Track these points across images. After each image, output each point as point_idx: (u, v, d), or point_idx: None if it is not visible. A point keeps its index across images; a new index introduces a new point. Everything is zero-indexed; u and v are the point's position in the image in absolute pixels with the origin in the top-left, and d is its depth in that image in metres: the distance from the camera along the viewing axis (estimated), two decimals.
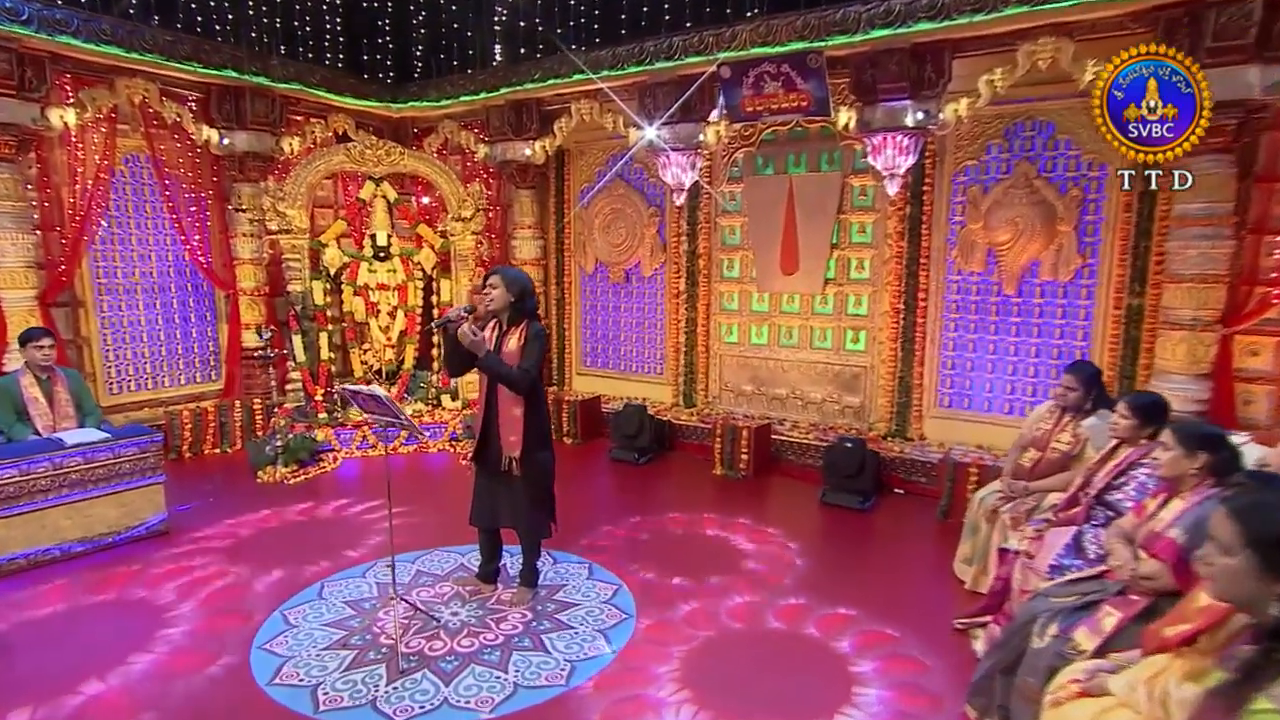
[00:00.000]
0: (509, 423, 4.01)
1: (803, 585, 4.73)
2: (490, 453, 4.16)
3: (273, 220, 7.54)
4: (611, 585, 4.64)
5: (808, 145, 7.21)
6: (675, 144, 7.18)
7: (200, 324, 8.04)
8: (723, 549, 5.26)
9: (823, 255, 7.19)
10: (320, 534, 5.44)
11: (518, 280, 4.01)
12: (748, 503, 6.20)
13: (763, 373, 7.77)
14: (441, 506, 5.94)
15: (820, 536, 5.61)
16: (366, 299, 8.01)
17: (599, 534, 5.45)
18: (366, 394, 3.86)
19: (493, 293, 4.04)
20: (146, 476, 5.31)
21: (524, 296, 4.00)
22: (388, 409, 3.83)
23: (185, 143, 7.63)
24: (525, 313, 3.99)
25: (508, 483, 4.13)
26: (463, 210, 8.26)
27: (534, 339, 4.02)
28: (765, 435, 7.09)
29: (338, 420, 7.61)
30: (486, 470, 4.22)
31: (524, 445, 4.04)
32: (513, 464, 4.09)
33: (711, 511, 5.93)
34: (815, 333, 7.40)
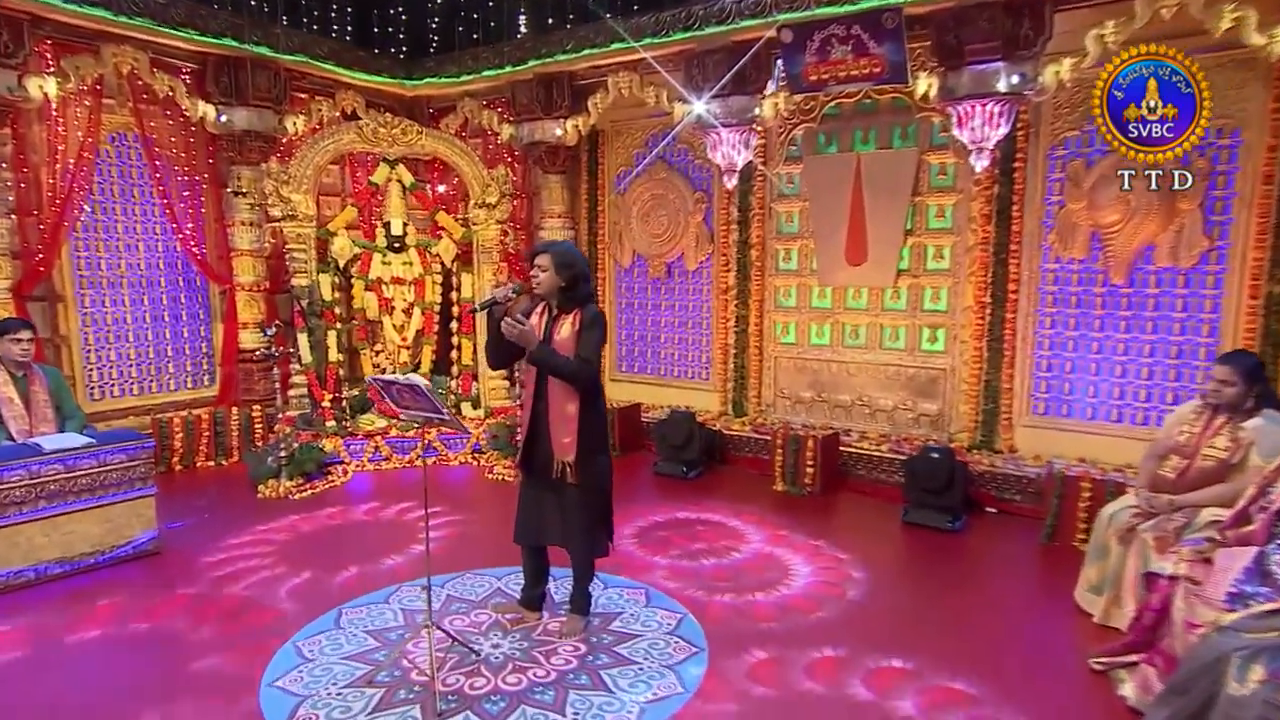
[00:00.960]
0: (562, 422, 3.77)
1: (904, 622, 4.39)
2: (539, 458, 3.90)
3: (275, 206, 7.33)
4: (674, 614, 4.38)
5: (878, 119, 6.94)
6: (727, 119, 6.94)
7: (193, 323, 7.88)
8: (797, 574, 5.03)
9: (895, 243, 6.92)
10: (333, 554, 5.24)
11: (570, 261, 3.78)
12: (819, 523, 5.98)
13: (824, 377, 7.52)
14: (469, 525, 5.81)
15: (909, 562, 5.32)
16: (379, 294, 7.82)
17: (651, 555, 5.23)
18: (403, 384, 3.57)
19: (539, 275, 3.81)
20: (135, 488, 5.09)
21: (577, 281, 3.78)
22: (428, 403, 3.55)
23: (178, 120, 7.47)
24: (579, 298, 3.78)
25: (559, 492, 3.89)
26: (487, 196, 8.04)
27: (591, 325, 3.78)
28: (833, 447, 6.81)
29: (347, 429, 7.43)
30: (534, 478, 3.97)
31: (579, 448, 3.79)
32: (566, 470, 3.83)
33: (779, 532, 5.71)
34: (886, 331, 7.14)
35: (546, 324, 3.86)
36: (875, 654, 4.00)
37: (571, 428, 3.78)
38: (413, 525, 5.75)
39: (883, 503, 6.34)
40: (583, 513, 3.90)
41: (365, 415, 7.67)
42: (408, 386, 3.59)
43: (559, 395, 3.82)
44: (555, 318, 3.85)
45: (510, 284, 3.90)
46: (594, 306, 3.88)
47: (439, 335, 8.20)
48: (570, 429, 3.79)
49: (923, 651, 4.02)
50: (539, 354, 3.73)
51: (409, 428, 7.54)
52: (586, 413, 3.82)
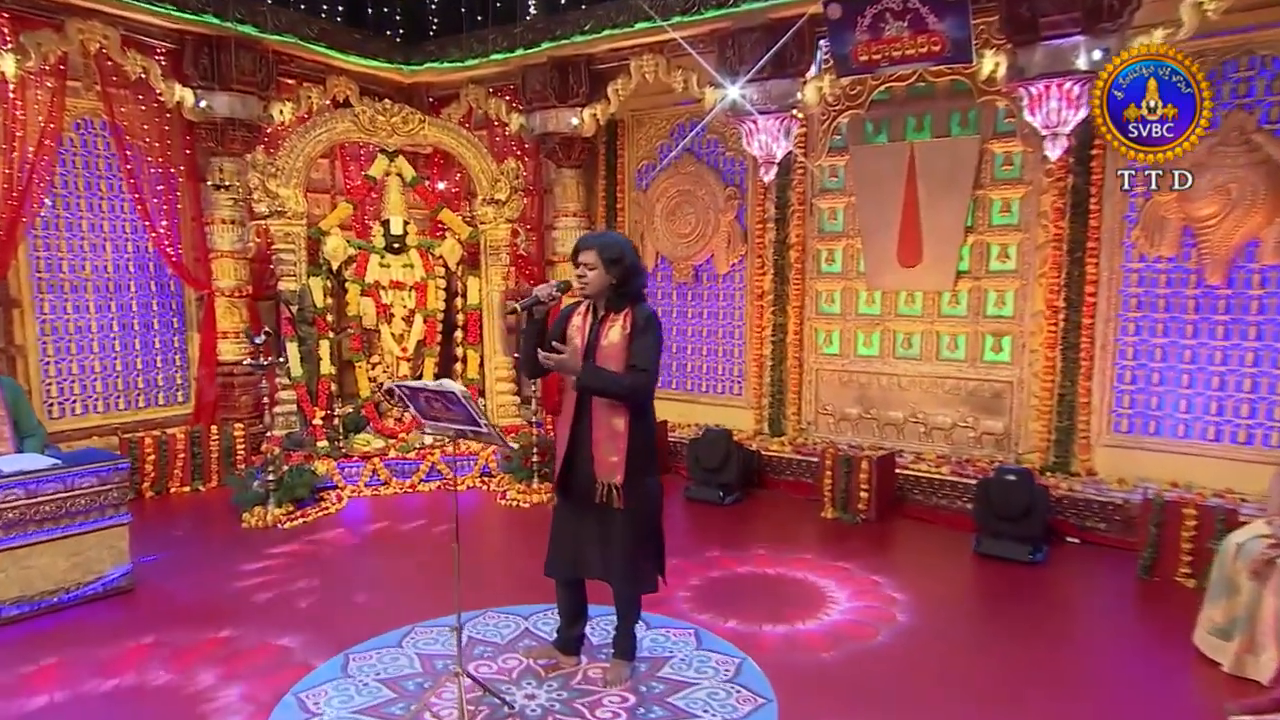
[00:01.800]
0: (608, 438, 3.58)
1: (998, 670, 4.12)
2: (579, 479, 3.69)
3: (261, 202, 7.13)
4: (731, 658, 4.13)
5: (934, 104, 6.78)
6: (764, 106, 6.80)
7: (166, 332, 7.69)
8: (861, 612, 4.79)
9: (954, 242, 6.75)
10: (333, 591, 5.02)
11: (619, 254, 3.59)
12: (879, 554, 5.78)
13: (872, 392, 7.35)
14: (485, 557, 5.66)
15: (990, 600, 5.06)
16: (377, 300, 7.63)
17: (695, 590, 5.02)
18: (433, 391, 3.32)
19: (586, 275, 3.61)
20: (107, 516, 4.83)
21: (628, 278, 3.60)
22: (463, 413, 3.30)
23: (152, 105, 7.27)
24: (630, 295, 3.61)
25: (602, 519, 3.68)
26: (496, 192, 7.85)
27: (646, 328, 3.57)
28: (889, 469, 6.61)
29: (341, 450, 7.23)
30: (573, 503, 3.76)
31: (628, 468, 3.58)
32: (613, 494, 3.61)
33: (836, 565, 5.51)
34: (944, 340, 6.98)
35: (591, 327, 3.66)
36: (970, 710, 3.71)
37: (620, 445, 3.57)
38: (421, 557, 5.56)
39: (948, 531, 6.15)
40: (629, 542, 3.68)
41: (360, 435, 7.47)
42: (439, 394, 3.34)
43: (605, 408, 3.61)
44: (602, 319, 3.65)
45: (555, 282, 3.71)
46: (646, 306, 3.69)
47: (441, 346, 8.00)
48: (618, 447, 3.58)
49: (1027, 708, 3.73)
50: (586, 381, 3.51)
51: (409, 449, 7.35)
52: (636, 428, 3.61)
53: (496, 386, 7.99)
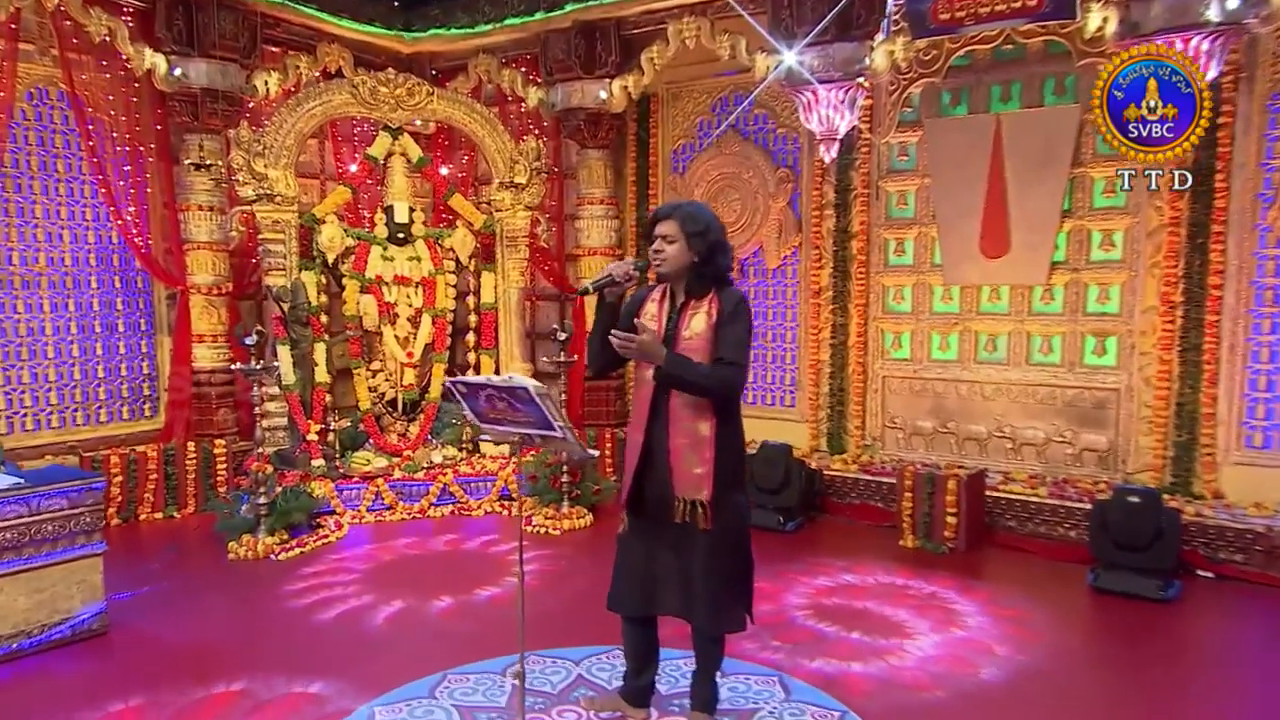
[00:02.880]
0: (691, 446, 3.40)
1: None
2: (653, 496, 3.50)
3: (246, 184, 6.98)
4: (829, 711, 3.94)
5: (1024, 69, 6.62)
6: (826, 73, 6.63)
7: (132, 335, 7.55)
8: (973, 658, 4.56)
9: (1048, 228, 6.60)
10: (343, 633, 4.86)
11: (704, 224, 3.45)
12: (978, 589, 5.56)
13: (950, 402, 7.21)
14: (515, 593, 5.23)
15: (1124, 644, 4.80)
16: (379, 298, 7.51)
17: (771, 628, 4.81)
18: (499, 386, 3.10)
19: (664, 249, 3.44)
20: (78, 545, 4.62)
21: (714, 253, 3.45)
22: (535, 414, 3.09)
23: (118, 73, 7.13)
24: (715, 276, 3.46)
25: (682, 544, 3.49)
26: (515, 174, 7.69)
27: (736, 315, 3.41)
28: (979, 490, 6.39)
29: (338, 470, 7.11)
30: (646, 525, 3.57)
31: (715, 482, 3.39)
32: (698, 513, 3.40)
33: (928, 601, 5.32)
34: (1035, 342, 6.83)
35: (670, 316, 3.49)
36: None
37: (706, 455, 3.40)
38: (442, 593, 5.40)
39: (1051, 563, 5.98)
40: (715, 572, 3.48)
41: (359, 453, 7.34)
42: (506, 390, 3.11)
43: (687, 411, 3.42)
44: (682, 306, 3.47)
45: (631, 260, 3.52)
46: (735, 289, 3.52)
47: (451, 350, 7.94)
48: (704, 457, 3.40)
49: None
50: (669, 368, 3.33)
51: (416, 468, 7.20)
52: (724, 434, 3.44)
53: None
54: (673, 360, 3.30)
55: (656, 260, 3.45)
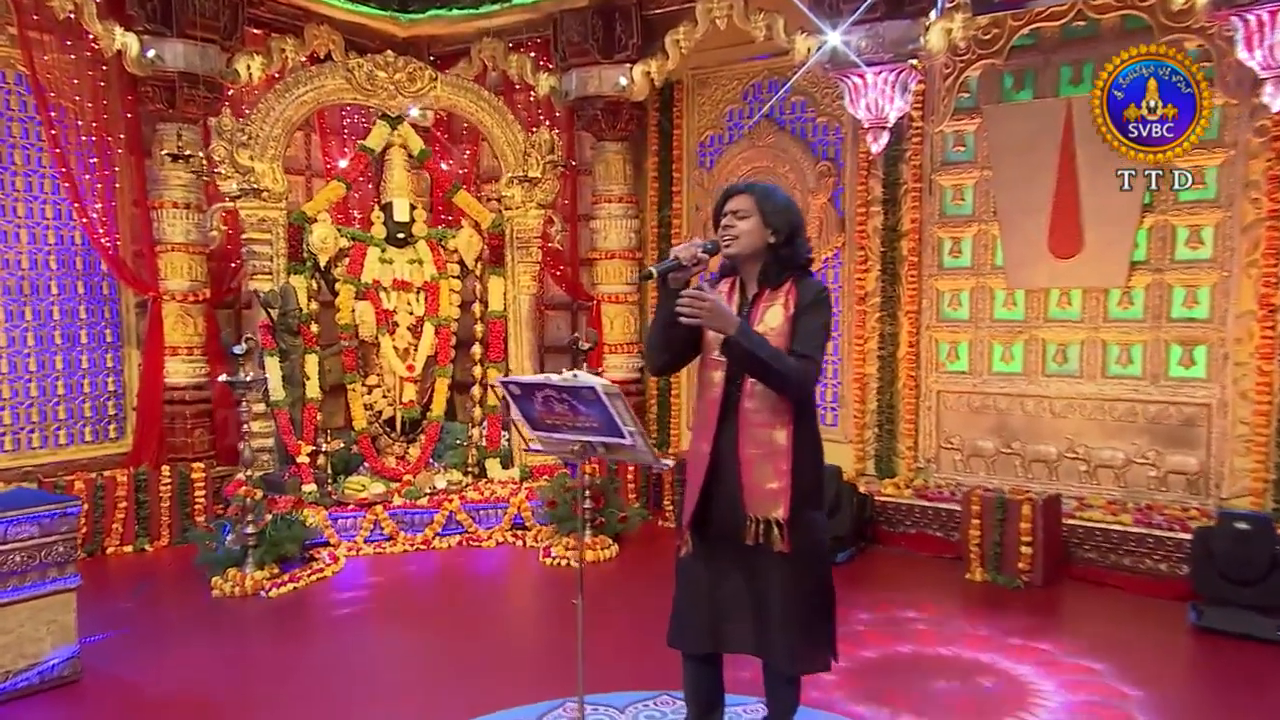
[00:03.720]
0: (765, 457, 3.28)
1: None
2: (721, 516, 3.37)
3: (229, 178, 6.94)
4: None
5: (1098, 47, 6.45)
6: (875, 55, 6.66)
7: (96, 347, 7.50)
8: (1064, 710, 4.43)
9: (1127, 224, 6.54)
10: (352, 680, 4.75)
11: (783, 203, 3.38)
12: (1063, 630, 5.49)
13: (1014, 419, 7.12)
14: (545, 630, 5.54)
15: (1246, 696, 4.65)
16: (377, 305, 7.44)
17: (845, 674, 4.67)
18: (561, 386, 3.00)
19: (738, 226, 3.32)
20: (49, 579, 4.48)
21: (793, 236, 3.36)
22: (601, 417, 2.98)
23: (84, 54, 7.09)
24: (792, 264, 3.37)
25: (754, 571, 3.35)
26: (527, 169, 7.65)
27: (815, 305, 3.31)
28: (1055, 517, 6.28)
29: (332, 497, 7.02)
30: (712, 549, 3.43)
31: (793, 497, 3.28)
32: (775, 532, 3.27)
33: (1006, 640, 5.21)
34: (1112, 352, 6.76)
35: (740, 310, 3.39)
36: None
37: (782, 466, 3.28)
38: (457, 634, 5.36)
39: (1141, 598, 5.89)
40: (794, 602, 3.33)
41: (354, 478, 7.25)
42: (569, 390, 3.00)
43: (761, 417, 3.29)
44: (755, 297, 3.37)
45: (698, 240, 3.34)
46: (815, 279, 3.42)
47: (455, 362, 7.89)
48: (780, 468, 3.28)
49: None
50: (741, 341, 3.17)
51: (418, 494, 7.10)
52: (803, 442, 3.33)
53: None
54: (746, 330, 3.15)
55: (727, 240, 3.32)
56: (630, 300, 8.29)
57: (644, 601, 5.27)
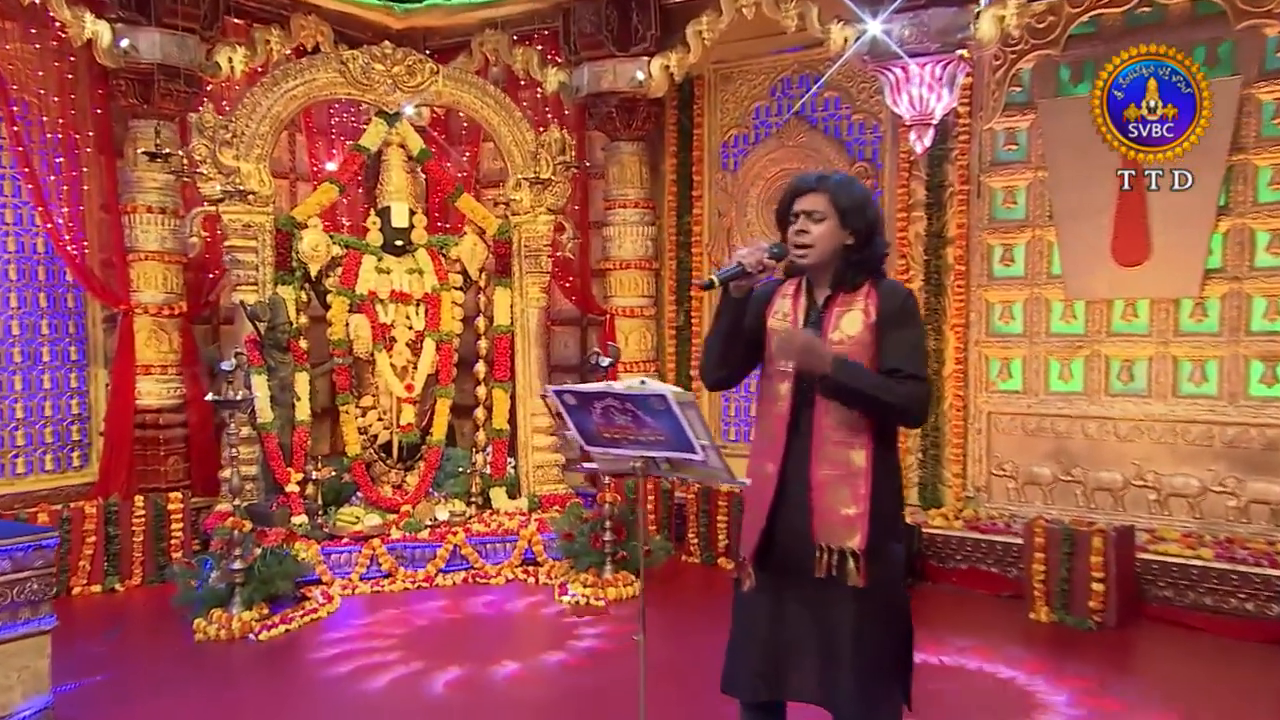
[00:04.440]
0: (840, 480, 3.20)
1: None
2: (786, 545, 3.28)
3: (211, 179, 6.92)
4: None
5: (1165, 35, 6.37)
6: (919, 45, 6.63)
7: (60, 365, 7.46)
8: None
9: (1199, 228, 6.50)
10: None
11: (862, 200, 3.30)
12: (1145, 679, 5.46)
13: (1075, 444, 7.09)
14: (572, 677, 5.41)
15: None
16: (373, 319, 7.41)
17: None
18: (625, 395, 2.90)
19: (812, 231, 3.22)
20: (21, 620, 4.35)
21: (871, 236, 3.29)
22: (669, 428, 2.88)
23: (50, 44, 7.09)
24: (869, 266, 3.29)
25: (824, 608, 3.25)
26: (538, 169, 7.60)
27: (905, 315, 3.25)
28: (1129, 551, 6.17)
29: (323, 530, 6.94)
30: (774, 582, 3.34)
31: (871, 526, 3.19)
32: (849, 565, 3.17)
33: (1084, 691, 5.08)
34: (1185, 369, 6.74)
35: (810, 317, 3.30)
36: None
37: (860, 490, 3.18)
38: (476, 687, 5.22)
39: (1228, 640, 5.80)
40: (868, 644, 3.23)
41: (346, 508, 7.20)
42: (634, 399, 2.89)
43: (838, 434, 3.20)
44: (827, 303, 3.27)
45: (763, 244, 3.25)
46: (896, 281, 3.43)
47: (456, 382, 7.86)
48: (858, 492, 3.18)
49: None
50: (841, 377, 3.11)
51: (418, 527, 6.99)
52: (883, 464, 3.24)
53: (533, 440, 7.77)
54: (843, 366, 3.07)
55: (799, 246, 3.22)
56: (647, 314, 8.26)
57: (682, 644, 5.21)
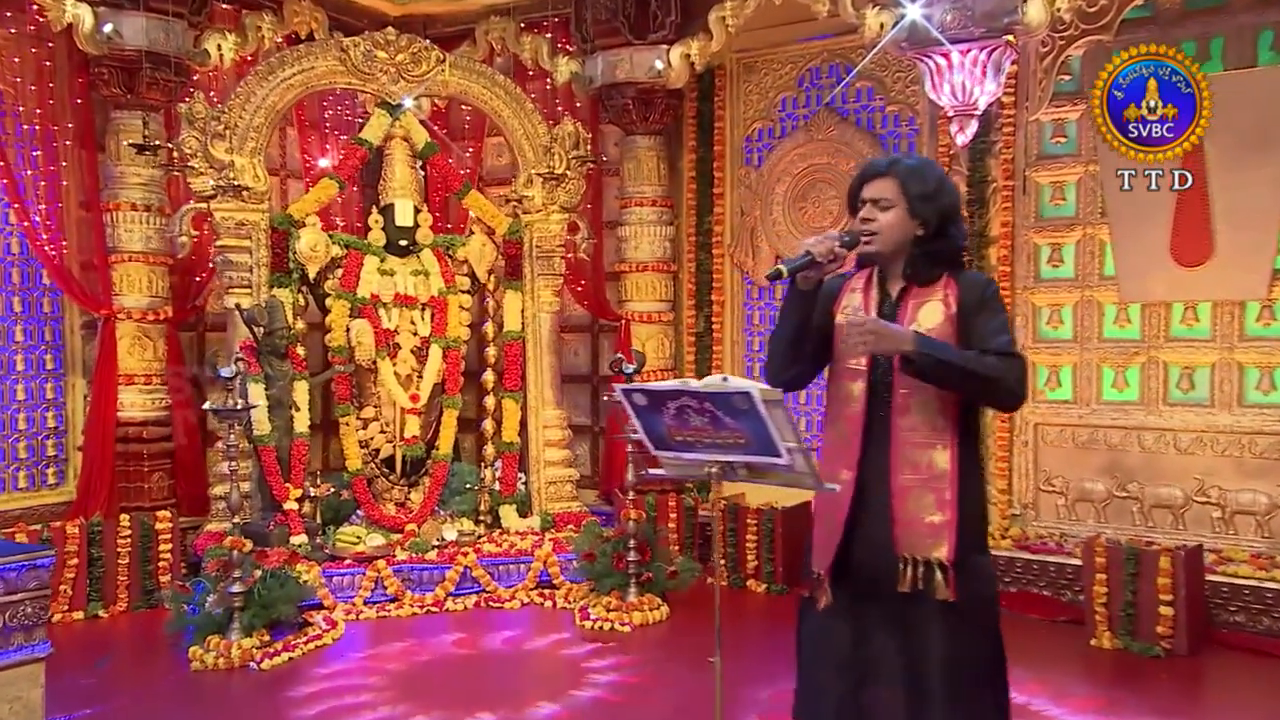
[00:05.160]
0: (925, 484, 3.19)
1: None
2: (863, 558, 3.23)
3: (202, 174, 6.95)
4: None
5: (1229, 20, 6.61)
6: (962, 31, 6.59)
7: (35, 374, 7.45)
8: None
9: (1267, 227, 6.52)
10: None
11: (935, 186, 3.28)
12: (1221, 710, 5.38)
13: (1130, 457, 7.06)
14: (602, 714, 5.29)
15: None
16: (375, 323, 7.40)
17: None
18: (704, 394, 2.84)
19: (878, 219, 3.21)
20: (14, 647, 4.18)
21: (946, 224, 3.27)
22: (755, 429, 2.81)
23: (27, 30, 7.11)
24: (945, 258, 3.28)
25: (907, 629, 3.20)
26: (552, 163, 7.61)
27: (988, 302, 3.21)
28: (1198, 572, 6.11)
29: (323, 550, 6.92)
30: (854, 600, 3.28)
31: (960, 535, 3.14)
32: (937, 577, 3.13)
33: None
34: (1251, 376, 6.73)
35: (883, 311, 3.27)
36: None
37: (946, 495, 3.15)
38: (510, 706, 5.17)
39: None
40: (960, 665, 3.17)
41: (346, 528, 7.21)
42: (714, 398, 2.82)
43: (917, 435, 3.18)
44: (901, 295, 3.25)
45: (833, 232, 3.22)
46: (976, 272, 3.59)
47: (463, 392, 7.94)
48: (943, 497, 3.15)
49: None
50: (927, 352, 3.04)
51: (425, 548, 6.95)
52: (968, 465, 3.21)
53: (545, 454, 7.78)
54: (926, 340, 3.02)
55: (866, 234, 3.20)
56: (665, 319, 8.25)
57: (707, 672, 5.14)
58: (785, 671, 5.30)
